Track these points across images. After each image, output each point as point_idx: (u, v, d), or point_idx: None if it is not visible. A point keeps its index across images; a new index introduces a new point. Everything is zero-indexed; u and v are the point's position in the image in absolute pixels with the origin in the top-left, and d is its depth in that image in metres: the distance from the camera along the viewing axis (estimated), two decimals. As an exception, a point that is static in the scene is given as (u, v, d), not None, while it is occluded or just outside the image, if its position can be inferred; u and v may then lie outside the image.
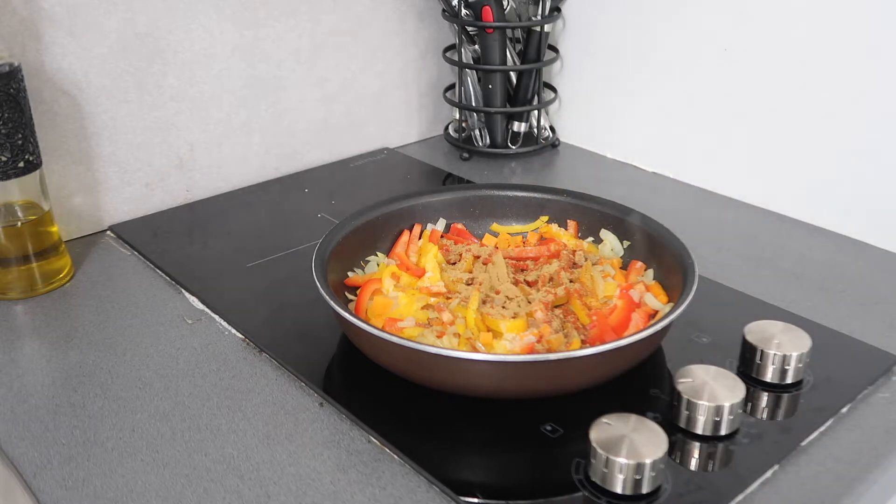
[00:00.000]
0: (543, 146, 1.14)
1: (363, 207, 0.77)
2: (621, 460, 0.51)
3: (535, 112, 1.12)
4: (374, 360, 0.63)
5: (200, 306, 0.76)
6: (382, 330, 0.60)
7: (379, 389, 0.63)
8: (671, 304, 0.67)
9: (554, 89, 1.15)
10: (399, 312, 0.68)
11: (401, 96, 1.15)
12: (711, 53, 0.97)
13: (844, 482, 0.55)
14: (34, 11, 0.80)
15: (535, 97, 1.12)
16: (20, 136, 0.72)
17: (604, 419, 0.54)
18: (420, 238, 0.79)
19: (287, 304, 0.76)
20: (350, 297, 0.72)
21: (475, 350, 0.62)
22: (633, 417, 0.54)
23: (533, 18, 1.06)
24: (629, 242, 0.77)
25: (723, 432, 0.57)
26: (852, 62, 0.85)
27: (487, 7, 1.02)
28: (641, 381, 0.64)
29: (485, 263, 0.73)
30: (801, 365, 0.62)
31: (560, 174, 1.09)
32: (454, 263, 0.75)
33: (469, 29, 1.07)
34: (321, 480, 0.55)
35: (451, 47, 1.13)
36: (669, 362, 0.66)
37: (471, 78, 1.10)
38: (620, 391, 0.62)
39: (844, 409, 0.61)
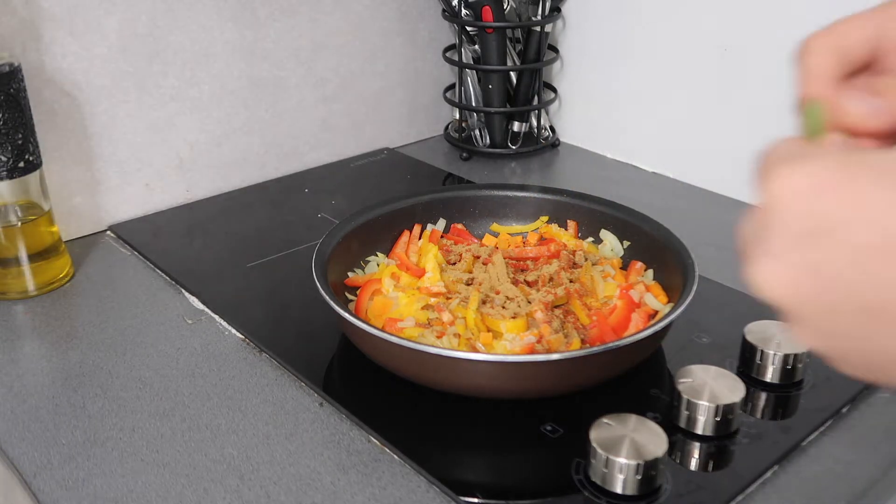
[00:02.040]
0: (543, 146, 1.14)
1: (363, 207, 0.77)
2: (621, 460, 0.51)
3: (535, 112, 1.12)
4: (374, 360, 0.63)
5: (200, 306, 0.76)
6: (382, 330, 0.60)
7: (379, 389, 0.63)
8: (671, 305, 0.67)
9: (554, 89, 1.15)
10: (399, 312, 0.68)
11: (401, 96, 1.15)
12: (711, 53, 0.97)
13: (844, 482, 0.55)
14: (34, 11, 0.80)
15: (535, 97, 1.12)
16: (20, 135, 0.72)
17: (604, 419, 0.54)
18: (420, 238, 0.79)
19: (287, 304, 0.76)
20: (350, 297, 0.72)
21: (475, 350, 0.62)
22: (633, 417, 0.54)
23: (533, 18, 1.06)
24: (629, 242, 0.77)
25: (723, 432, 0.57)
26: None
27: (487, 7, 1.02)
28: (641, 381, 0.64)
29: (485, 263, 0.73)
30: (801, 365, 0.63)
31: (560, 174, 1.09)
32: (454, 263, 0.75)
33: (469, 29, 1.07)
34: (321, 480, 0.55)
35: (451, 47, 1.13)
36: (669, 362, 0.66)
37: (471, 78, 1.10)
38: (620, 391, 0.62)
39: (844, 409, 0.61)
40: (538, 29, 1.07)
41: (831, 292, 0.30)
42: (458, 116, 1.14)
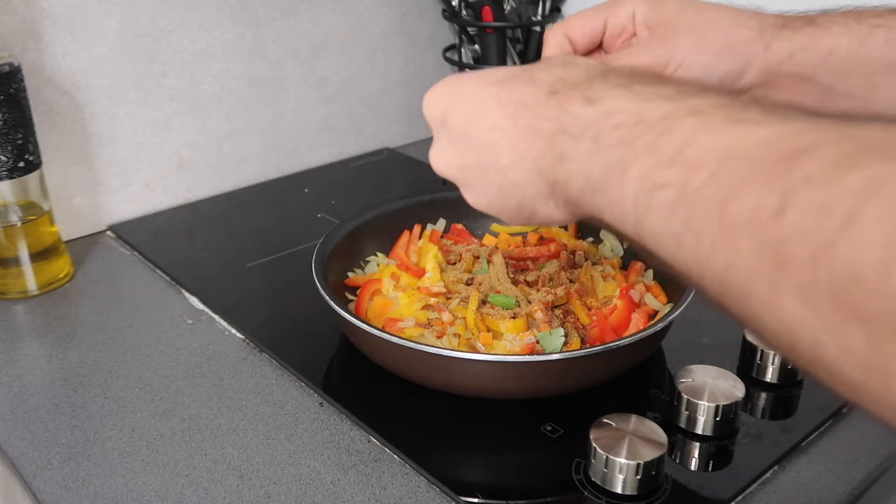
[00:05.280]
0: (543, 146, 1.14)
1: (363, 207, 0.77)
2: (621, 460, 0.51)
3: (535, 112, 1.12)
4: (374, 360, 0.63)
5: (200, 306, 0.76)
6: (382, 330, 0.60)
7: (379, 389, 0.63)
8: (671, 305, 0.67)
9: (554, 89, 1.15)
10: (399, 312, 0.68)
11: (401, 96, 1.15)
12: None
13: (844, 482, 0.55)
14: (34, 11, 0.80)
15: (535, 97, 1.11)
16: (20, 135, 0.72)
17: (604, 419, 0.54)
18: (420, 238, 0.79)
19: (287, 304, 0.76)
20: (350, 297, 0.72)
21: (475, 350, 0.62)
22: (633, 417, 0.54)
23: (533, 18, 1.06)
24: (629, 242, 0.77)
25: (723, 432, 0.57)
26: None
27: (487, 7, 1.02)
28: (641, 381, 0.64)
29: (488, 262, 0.73)
30: (801, 365, 0.62)
31: (560, 174, 1.08)
32: (454, 263, 0.75)
33: (469, 29, 1.07)
34: (321, 480, 0.55)
35: (451, 47, 1.13)
36: (669, 362, 0.66)
37: (471, 78, 1.10)
38: (620, 391, 0.62)
39: (844, 409, 0.61)
40: (538, 29, 1.07)
41: (459, 152, 0.45)
42: (458, 116, 1.14)
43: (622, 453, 0.51)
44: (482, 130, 0.43)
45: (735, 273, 0.28)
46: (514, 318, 0.65)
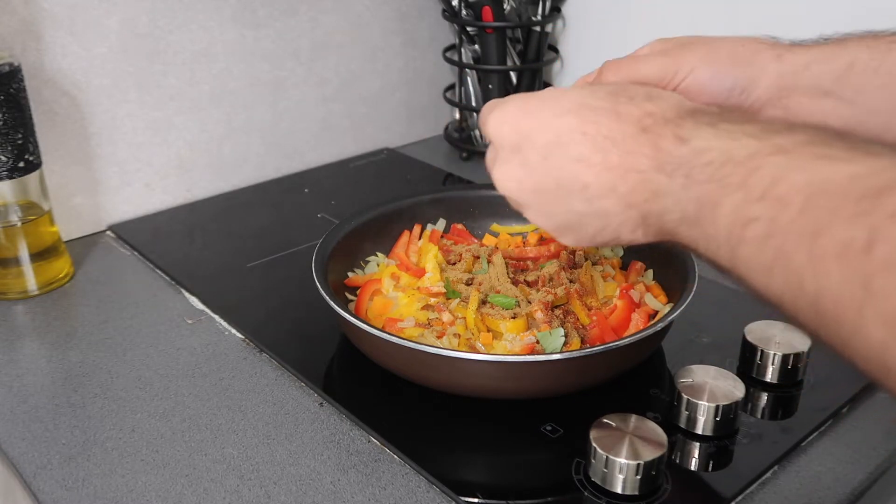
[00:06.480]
0: (543, 146, 1.14)
1: (363, 207, 0.77)
2: (621, 460, 0.51)
3: (535, 112, 1.12)
4: (374, 360, 0.63)
5: (200, 306, 0.76)
6: (382, 330, 0.60)
7: (379, 389, 0.63)
8: (671, 305, 0.67)
9: (554, 89, 1.15)
10: (399, 312, 0.68)
11: (401, 96, 1.15)
12: (711, 53, 0.97)
13: (844, 482, 0.55)
14: (34, 11, 0.80)
15: (535, 97, 1.11)
16: (20, 135, 0.72)
17: (604, 419, 0.54)
18: (420, 238, 0.79)
19: (287, 304, 0.76)
20: (350, 297, 0.72)
21: (475, 350, 0.62)
22: (633, 417, 0.54)
23: (533, 18, 1.06)
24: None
25: (723, 432, 0.57)
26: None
27: (487, 7, 1.02)
28: (641, 381, 0.64)
29: (488, 262, 0.73)
30: (801, 365, 0.62)
31: (560, 174, 1.08)
32: (454, 263, 0.75)
33: (469, 29, 1.07)
34: (321, 480, 0.55)
35: (451, 47, 1.13)
36: (669, 362, 0.66)
37: (471, 78, 1.10)
38: (620, 391, 0.62)
39: (844, 410, 0.61)
40: (538, 29, 1.07)
41: (535, 178, 0.45)
42: (458, 116, 1.14)
43: (622, 453, 0.51)
44: (565, 160, 0.44)
45: (825, 302, 0.30)
46: (514, 318, 0.65)
